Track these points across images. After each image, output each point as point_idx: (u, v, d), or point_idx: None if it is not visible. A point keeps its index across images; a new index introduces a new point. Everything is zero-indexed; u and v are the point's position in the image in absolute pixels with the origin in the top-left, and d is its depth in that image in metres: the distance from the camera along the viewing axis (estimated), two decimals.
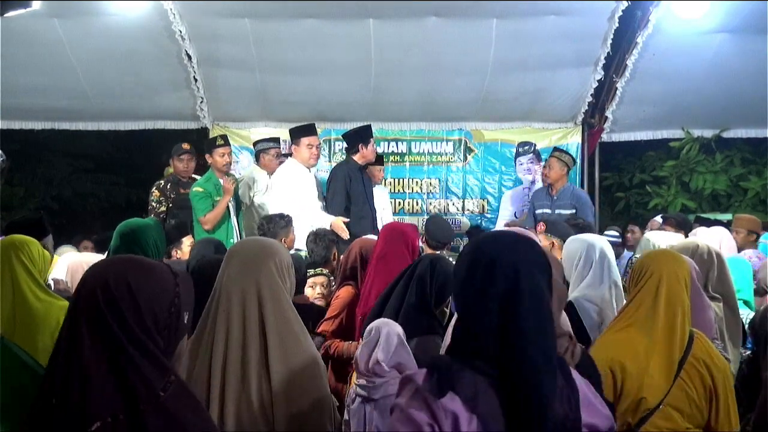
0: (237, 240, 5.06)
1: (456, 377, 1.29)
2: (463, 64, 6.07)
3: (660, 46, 5.80)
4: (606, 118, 6.66)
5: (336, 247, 4.11)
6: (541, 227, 4.14)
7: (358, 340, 2.83)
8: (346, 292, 3.28)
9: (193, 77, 6.15)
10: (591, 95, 6.53)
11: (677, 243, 3.16)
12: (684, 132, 7.18)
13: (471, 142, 7.12)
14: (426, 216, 6.72)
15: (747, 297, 3.59)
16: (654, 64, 5.97)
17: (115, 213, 9.05)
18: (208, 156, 5.40)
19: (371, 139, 5.48)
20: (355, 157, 5.40)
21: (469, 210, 7.15)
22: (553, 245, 3.90)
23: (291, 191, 5.10)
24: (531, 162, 6.36)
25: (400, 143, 7.15)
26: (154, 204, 5.61)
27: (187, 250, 4.34)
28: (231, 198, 5.22)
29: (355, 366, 2.45)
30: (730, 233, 4.44)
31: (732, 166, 7.47)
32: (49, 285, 2.98)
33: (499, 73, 6.16)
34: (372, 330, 2.45)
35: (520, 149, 6.51)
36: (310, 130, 5.34)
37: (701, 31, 5.63)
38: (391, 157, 7.04)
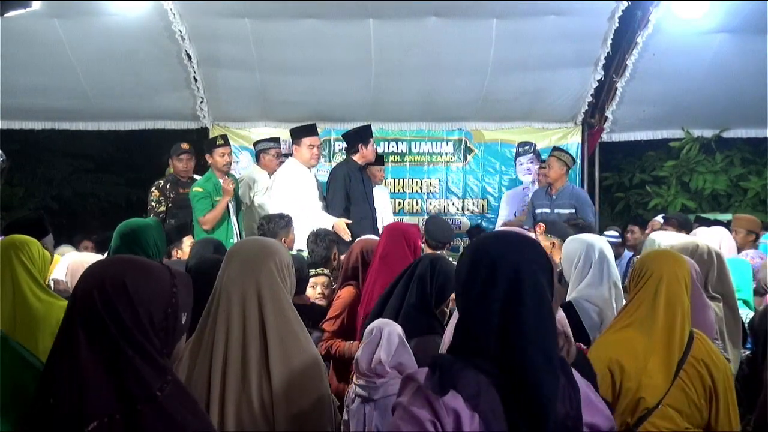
0: (237, 240, 5.06)
1: (458, 375, 1.29)
2: (463, 64, 6.07)
3: (660, 46, 5.80)
4: (606, 118, 6.66)
5: (336, 248, 4.11)
6: (541, 228, 4.14)
7: (359, 340, 2.83)
8: (347, 292, 3.28)
9: (193, 77, 6.16)
10: (591, 95, 6.54)
11: (677, 243, 3.16)
12: (684, 132, 7.18)
13: (471, 142, 7.12)
14: (426, 216, 6.71)
15: (746, 297, 3.59)
16: (654, 64, 5.97)
17: (115, 213, 9.04)
18: (208, 156, 5.39)
19: (371, 139, 5.47)
20: (355, 157, 5.40)
21: (469, 210, 7.15)
22: (554, 245, 3.90)
23: (293, 191, 5.10)
24: (531, 162, 6.35)
25: (400, 143, 7.15)
26: (153, 204, 5.60)
27: (188, 250, 4.33)
28: (231, 198, 5.22)
29: (356, 366, 2.45)
30: (730, 233, 4.44)
31: (732, 166, 7.46)
32: (49, 285, 2.98)
33: (499, 73, 6.16)
34: (373, 330, 2.45)
35: (520, 149, 6.51)
36: (311, 130, 5.34)
37: (701, 31, 5.63)
38: (391, 157, 7.05)
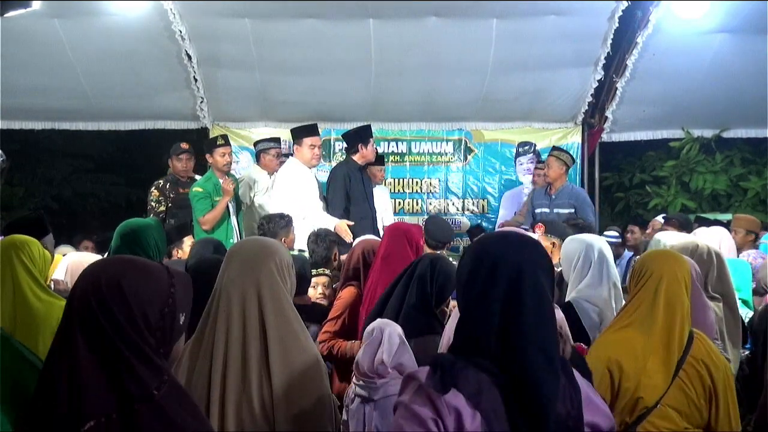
0: (237, 240, 5.06)
1: (459, 374, 1.30)
2: (463, 64, 6.07)
3: (660, 46, 5.80)
4: (606, 118, 6.66)
5: (336, 248, 4.11)
6: (541, 228, 4.14)
7: (360, 340, 2.82)
8: (348, 292, 3.28)
9: (193, 77, 6.15)
10: (591, 95, 6.53)
11: (677, 243, 3.16)
12: (684, 132, 7.18)
13: (471, 142, 7.12)
14: (426, 216, 6.71)
15: (746, 297, 3.59)
16: (654, 64, 5.97)
17: (115, 213, 9.06)
18: (208, 156, 5.38)
19: (371, 139, 5.47)
20: (355, 157, 5.40)
21: (469, 210, 7.16)
22: (554, 245, 3.90)
23: (294, 191, 5.09)
24: (531, 162, 6.36)
25: (400, 143, 7.15)
26: (153, 204, 5.60)
27: (188, 249, 4.33)
28: (231, 198, 5.22)
29: (356, 366, 2.45)
30: (729, 233, 4.45)
31: (732, 166, 7.47)
32: (49, 285, 2.98)
33: (499, 73, 6.16)
34: (373, 331, 2.44)
35: (520, 149, 6.51)
36: (312, 130, 5.34)
37: (701, 31, 5.63)
38: (391, 157, 7.05)
